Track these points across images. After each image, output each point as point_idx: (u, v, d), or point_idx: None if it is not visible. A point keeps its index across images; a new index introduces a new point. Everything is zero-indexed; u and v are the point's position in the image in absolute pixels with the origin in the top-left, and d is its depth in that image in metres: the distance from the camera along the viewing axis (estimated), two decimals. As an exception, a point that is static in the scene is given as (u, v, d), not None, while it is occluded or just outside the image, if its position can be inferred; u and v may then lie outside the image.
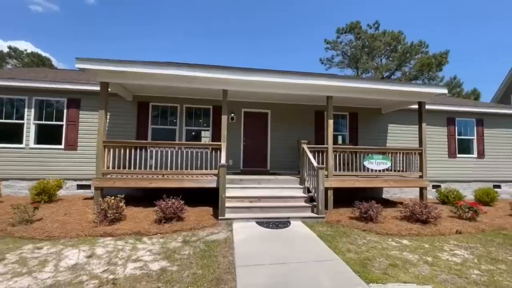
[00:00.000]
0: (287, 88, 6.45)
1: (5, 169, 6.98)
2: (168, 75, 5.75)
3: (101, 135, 5.73)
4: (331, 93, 6.60)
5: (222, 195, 5.05)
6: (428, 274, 3.15)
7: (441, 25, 46.95)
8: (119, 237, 4.13)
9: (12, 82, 7.02)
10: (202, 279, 2.83)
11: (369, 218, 5.28)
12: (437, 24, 47.15)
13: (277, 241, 4.07)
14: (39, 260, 3.25)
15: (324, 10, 51.69)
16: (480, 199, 7.90)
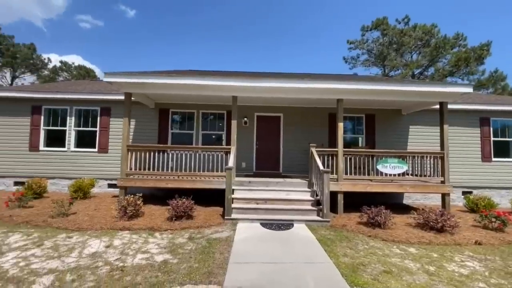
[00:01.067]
0: (294, 92, 6.55)
1: (52, 169, 8.14)
2: (180, 84, 6.26)
3: (125, 139, 6.43)
4: (341, 95, 6.53)
5: (228, 196, 5.35)
6: (423, 283, 3.05)
7: (481, 14, 41.94)
8: (135, 231, 4.65)
9: (58, 95, 8.19)
10: (196, 272, 3.12)
11: (376, 224, 5.14)
12: (476, 13, 42.25)
13: (276, 242, 4.22)
14: (68, 247, 3.85)
15: (348, 10, 50.05)
16: (518, 207, 7.10)
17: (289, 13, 61.31)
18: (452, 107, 8.50)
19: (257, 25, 65.37)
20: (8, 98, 8.27)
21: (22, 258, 3.43)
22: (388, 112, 8.55)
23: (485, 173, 8.44)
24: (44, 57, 33.69)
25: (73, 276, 2.98)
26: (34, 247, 3.82)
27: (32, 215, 5.25)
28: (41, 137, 8.20)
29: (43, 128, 8.24)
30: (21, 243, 3.95)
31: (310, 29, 60.84)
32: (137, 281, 2.90)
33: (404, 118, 8.60)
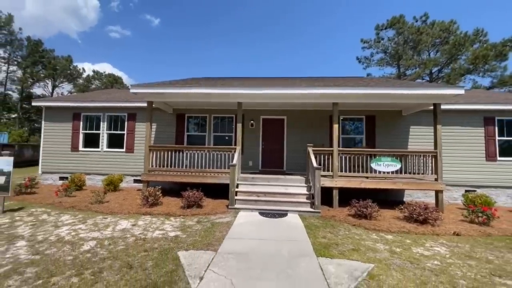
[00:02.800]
0: (293, 98, 7.26)
1: (88, 166, 9.59)
2: (192, 93, 7.26)
3: (147, 141, 7.57)
4: (336, 100, 7.12)
5: (231, 189, 6.22)
6: (381, 258, 3.67)
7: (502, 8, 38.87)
8: (155, 216, 5.68)
9: (93, 104, 9.65)
10: (199, 243, 4.02)
11: (363, 216, 5.70)
12: (496, 8, 39.25)
13: (268, 226, 5.00)
14: (104, 224, 4.96)
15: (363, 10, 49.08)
16: (520, 206, 7.16)
17: (303, 15, 61.34)
18: (456, 107, 8.71)
19: (273, 27, 66.20)
20: (55, 107, 9.89)
21: (72, 230, 4.57)
22: (388, 113, 8.91)
23: (490, 172, 8.47)
24: (80, 67, 37.39)
25: (109, 242, 4.02)
26: (80, 223, 4.98)
27: (76, 202, 6.52)
28: (80, 139, 9.71)
29: (82, 132, 9.75)
30: (70, 221, 5.14)
31: (324, 29, 60.46)
32: (155, 246, 3.86)
33: (404, 119, 8.91)
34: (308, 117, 9.13)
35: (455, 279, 3.14)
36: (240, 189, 6.80)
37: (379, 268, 3.34)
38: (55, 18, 53.05)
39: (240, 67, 69.94)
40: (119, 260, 3.34)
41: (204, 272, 3.00)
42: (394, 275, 3.16)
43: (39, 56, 31.90)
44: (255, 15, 64.97)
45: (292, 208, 6.13)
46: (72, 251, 3.65)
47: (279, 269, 3.12)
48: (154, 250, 3.72)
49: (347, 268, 3.22)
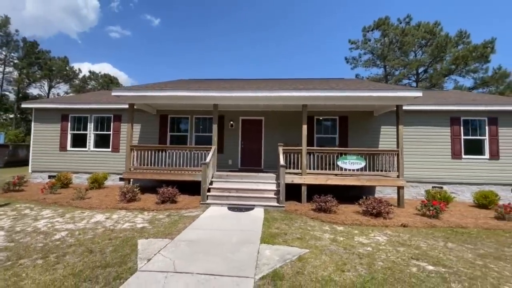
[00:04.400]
0: (264, 100, 7.70)
1: (76, 165, 10.03)
2: (170, 96, 7.70)
3: (129, 141, 8.02)
4: (304, 102, 7.57)
5: (203, 186, 6.67)
6: (320, 245, 4.12)
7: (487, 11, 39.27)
8: (130, 210, 6.13)
9: (81, 105, 10.09)
10: (160, 233, 4.47)
11: (323, 210, 6.16)
12: (481, 11, 39.71)
13: (231, 219, 5.46)
14: (80, 217, 5.41)
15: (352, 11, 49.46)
16: (478, 202, 7.64)
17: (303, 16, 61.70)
18: (425, 108, 9.17)
19: (269, 29, 66.57)
20: (44, 108, 10.33)
21: (50, 223, 5.02)
22: (360, 114, 9.36)
23: (456, 170, 8.93)
24: (76, 68, 37.73)
25: (79, 232, 4.47)
26: (58, 217, 5.43)
27: (59, 198, 6.97)
28: (68, 139, 10.15)
29: (70, 132, 10.18)
30: (50, 215, 5.59)
31: (321, 31, 60.85)
32: (120, 236, 4.31)
33: (376, 119, 9.36)
34: (285, 118, 9.57)
35: (375, 261, 3.60)
36: (214, 185, 7.25)
37: (312, 253, 3.79)
38: (55, 19, 53.55)
39: (240, 67, 70.48)
40: (83, 247, 3.79)
41: (153, 255, 3.45)
42: (322, 258, 3.61)
43: (35, 57, 32.29)
44: (256, 15, 65.35)
45: (260, 203, 6.58)
46: (44, 239, 4.10)
47: (221, 253, 3.58)
48: (118, 238, 4.18)
49: (282, 253, 3.67)
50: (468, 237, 4.97)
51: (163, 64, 74.22)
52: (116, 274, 2.95)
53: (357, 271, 3.28)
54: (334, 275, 3.13)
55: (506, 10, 35.09)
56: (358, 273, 3.21)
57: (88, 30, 60.46)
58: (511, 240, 4.88)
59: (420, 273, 3.30)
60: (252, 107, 9.25)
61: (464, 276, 3.28)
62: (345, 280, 3.01)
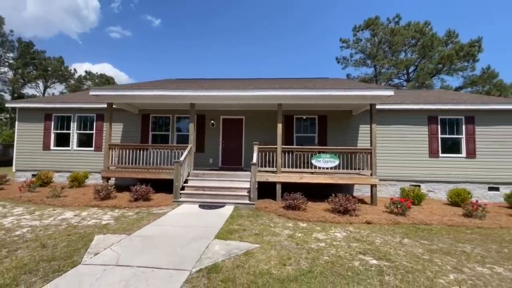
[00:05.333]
0: (239, 99, 7.80)
1: (59, 164, 10.12)
2: (147, 95, 7.79)
3: (107, 140, 8.11)
4: (279, 101, 7.65)
5: (175, 184, 6.76)
6: (273, 241, 4.21)
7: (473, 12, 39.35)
8: (101, 208, 6.22)
9: (64, 105, 10.18)
10: (120, 229, 4.56)
11: (292, 207, 6.25)
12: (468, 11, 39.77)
13: (198, 216, 5.54)
14: (49, 215, 5.50)
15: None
16: (451, 199, 7.72)
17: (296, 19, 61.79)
18: (404, 107, 9.27)
19: (268, 27, 66.65)
20: (28, 108, 10.42)
21: (16, 220, 5.11)
22: (339, 113, 9.45)
23: (433, 168, 9.02)
24: (71, 68, 37.82)
25: (42, 228, 4.56)
26: (27, 214, 5.52)
27: (35, 196, 7.07)
28: (51, 139, 10.24)
29: (53, 132, 10.28)
30: (20, 212, 5.68)
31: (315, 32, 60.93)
32: (79, 232, 4.40)
33: (355, 118, 9.44)
34: (265, 117, 9.64)
35: (321, 256, 3.68)
36: (190, 184, 7.34)
37: (262, 248, 3.88)
38: (56, 19, 53.85)
39: (242, 66, 70.61)
40: (38, 242, 3.88)
41: (103, 250, 3.54)
42: (270, 253, 3.69)
43: (30, 57, 32.40)
44: (258, 13, 65.41)
45: (232, 201, 6.67)
46: (4, 235, 4.19)
47: (171, 247, 3.67)
48: (77, 234, 4.26)
49: (231, 248, 3.76)
50: (428, 234, 5.05)
51: (164, 63, 74.56)
52: (58, 267, 3.04)
53: (299, 265, 3.37)
54: (273, 268, 3.22)
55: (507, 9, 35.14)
56: (299, 267, 3.29)
57: (88, 31, 60.80)
58: (469, 236, 4.97)
59: (360, 267, 3.38)
60: (232, 106, 9.33)
61: (402, 269, 3.36)
62: (282, 273, 3.10)
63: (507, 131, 8.81)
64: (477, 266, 3.61)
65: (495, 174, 8.77)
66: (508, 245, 4.56)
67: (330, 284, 2.88)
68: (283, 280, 2.91)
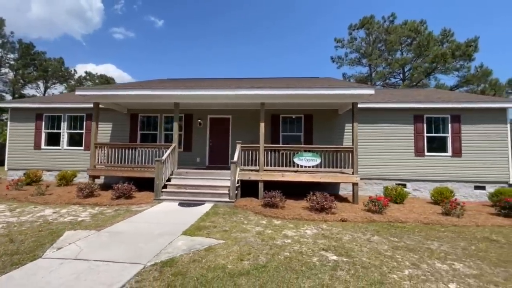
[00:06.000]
0: (223, 98, 7.87)
1: (50, 163, 10.29)
2: (131, 95, 7.90)
3: (93, 139, 8.23)
4: (262, 100, 7.71)
5: (156, 182, 6.85)
6: (240, 237, 4.27)
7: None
8: (83, 205, 6.34)
9: (54, 105, 10.34)
10: (93, 225, 4.65)
11: (270, 205, 6.30)
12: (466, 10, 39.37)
13: (174, 213, 5.62)
14: (29, 212, 5.62)
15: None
16: (434, 198, 7.71)
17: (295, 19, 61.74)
18: (390, 106, 9.27)
19: (270, 27, 66.71)
20: (19, 108, 10.60)
21: (-4, 216, 5.24)
22: (325, 112, 9.47)
23: (419, 167, 9.01)
24: (71, 69, 38.19)
25: (17, 225, 4.67)
26: (7, 211, 5.65)
27: (20, 194, 7.20)
28: (42, 138, 10.41)
29: (44, 131, 10.45)
30: (1, 209, 5.81)
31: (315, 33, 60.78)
32: (52, 228, 4.50)
33: (340, 117, 9.46)
34: (251, 116, 9.66)
35: (283, 252, 3.73)
36: (172, 182, 7.43)
37: (225, 244, 3.94)
38: (60, 21, 54.47)
39: (243, 66, 70.75)
40: (8, 237, 3.99)
41: (67, 245, 3.63)
42: (231, 249, 3.76)
43: (30, 58, 32.81)
44: (259, 13, 65.52)
45: (213, 199, 6.74)
46: (-22, 231, 4.31)
47: (135, 243, 3.75)
48: (49, 230, 4.36)
49: (194, 243, 3.83)
50: (400, 231, 5.08)
51: (166, 64, 75.12)
52: (18, 260, 3.13)
53: (256, 260, 3.42)
54: (230, 263, 3.28)
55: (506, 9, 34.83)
56: (256, 262, 3.35)
57: (92, 32, 61.42)
58: (440, 234, 4.99)
59: (317, 262, 3.43)
60: (219, 105, 9.41)
61: (359, 265, 3.40)
62: (236, 268, 3.16)
63: (493, 130, 8.77)
64: (437, 262, 3.64)
65: (481, 173, 8.74)
66: (477, 242, 4.57)
67: (280, 278, 2.94)
68: (234, 274, 2.97)
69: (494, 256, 3.92)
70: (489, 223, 5.81)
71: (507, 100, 9.33)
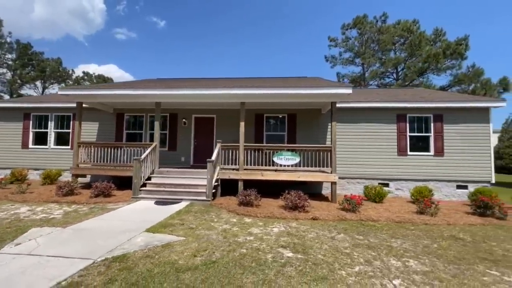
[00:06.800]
0: (203, 97, 7.92)
1: (37, 162, 10.39)
2: (113, 95, 7.97)
3: (76, 138, 8.31)
4: (242, 99, 7.76)
5: (134, 181, 6.92)
6: (202, 234, 4.32)
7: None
8: (60, 203, 6.41)
9: (41, 104, 10.44)
10: (61, 222, 4.72)
11: (245, 204, 6.35)
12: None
13: (148, 211, 5.68)
14: (4, 210, 5.69)
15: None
16: (414, 197, 7.73)
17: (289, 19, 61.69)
18: (371, 105, 9.29)
19: (271, 26, 66.71)
20: (7, 108, 10.71)
21: (-30, 214, 5.32)
22: (308, 111, 9.51)
23: (401, 166, 9.02)
24: (69, 69, 38.40)
25: (-13, 221, 4.76)
26: (-17, 209, 5.73)
27: (1, 193, 7.29)
28: (30, 137, 10.51)
29: (32, 131, 10.55)
30: (-22, 207, 5.89)
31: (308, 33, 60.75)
32: (20, 225, 4.57)
33: (323, 116, 9.49)
34: (235, 116, 9.66)
35: (240, 249, 3.78)
36: (153, 181, 7.50)
37: (186, 240, 4.00)
38: (63, 22, 54.95)
39: (244, 65, 71.03)
40: (-27, 233, 4.06)
41: (27, 241, 3.70)
42: (190, 245, 3.81)
43: (28, 58, 33.05)
44: (259, 13, 65.67)
45: (189, 197, 6.80)
46: None
47: (93, 239, 3.81)
48: (15, 227, 4.43)
49: (153, 240, 3.89)
50: (368, 229, 5.11)
51: (167, 64, 75.67)
52: (-28, 255, 3.20)
53: (210, 256, 3.47)
54: (182, 259, 3.33)
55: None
56: (208, 258, 3.40)
57: (94, 33, 61.90)
58: (408, 232, 5.02)
59: (270, 259, 3.47)
60: (202, 105, 9.48)
61: (312, 262, 3.44)
62: (186, 263, 3.21)
63: (476, 129, 8.77)
64: (392, 259, 3.67)
65: (463, 172, 8.74)
66: (441, 240, 4.60)
67: (225, 273, 2.98)
68: (180, 270, 3.02)
69: (452, 254, 3.95)
70: (462, 221, 5.83)
71: (489, 100, 9.32)
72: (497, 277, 3.26)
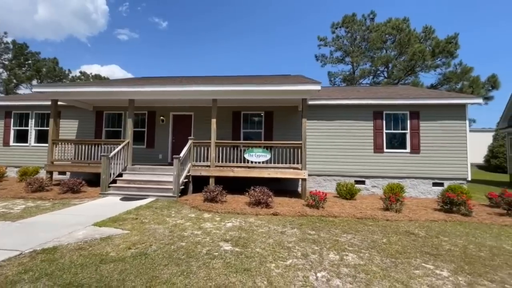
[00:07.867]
0: (176, 94, 7.94)
1: (19, 160, 10.46)
2: (88, 92, 8.02)
3: (51, 135, 8.36)
4: (213, 96, 7.77)
5: (103, 177, 6.95)
6: (150, 228, 4.33)
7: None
8: (26, 199, 6.45)
9: (21, 102, 10.51)
10: (15, 216, 4.75)
11: (210, 200, 6.35)
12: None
13: (110, 206, 5.70)
14: (-33, 205, 5.75)
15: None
16: (385, 194, 7.68)
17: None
18: (347, 102, 9.26)
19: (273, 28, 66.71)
20: (-11, 106, 10.80)
21: None
22: (285, 108, 9.49)
23: (378, 164, 8.98)
24: (65, 69, 38.58)
25: None
26: None
27: (-27, 189, 7.36)
28: (11, 135, 10.59)
29: (13, 128, 10.63)
30: None
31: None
32: (-27, 219, 4.61)
33: (300, 114, 9.43)
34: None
35: (180, 242, 3.78)
36: (124, 177, 7.53)
37: (129, 234, 4.01)
38: (66, 23, 55.43)
39: (244, 62, 71.24)
40: None
41: (-32, 234, 3.73)
42: (130, 239, 3.81)
43: (23, 58, 33.28)
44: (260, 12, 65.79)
45: (156, 193, 6.82)
46: None
47: (35, 232, 3.84)
48: (-33, 221, 4.48)
49: (95, 233, 3.91)
50: (325, 225, 5.09)
51: (168, 64, 76.20)
52: None
53: (146, 249, 3.48)
54: (115, 252, 3.34)
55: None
56: (141, 251, 3.40)
57: (97, 34, 62.42)
58: (363, 228, 4.99)
59: (204, 252, 3.47)
60: (179, 102, 9.47)
61: (245, 255, 3.42)
62: (116, 255, 3.22)
63: (452, 126, 8.71)
64: (332, 253, 3.66)
65: (439, 169, 8.69)
66: (393, 236, 4.57)
67: (148, 265, 2.99)
68: (105, 261, 3.03)
69: (395, 249, 3.93)
70: (424, 218, 5.79)
71: (465, 96, 9.25)
72: (429, 270, 3.24)
